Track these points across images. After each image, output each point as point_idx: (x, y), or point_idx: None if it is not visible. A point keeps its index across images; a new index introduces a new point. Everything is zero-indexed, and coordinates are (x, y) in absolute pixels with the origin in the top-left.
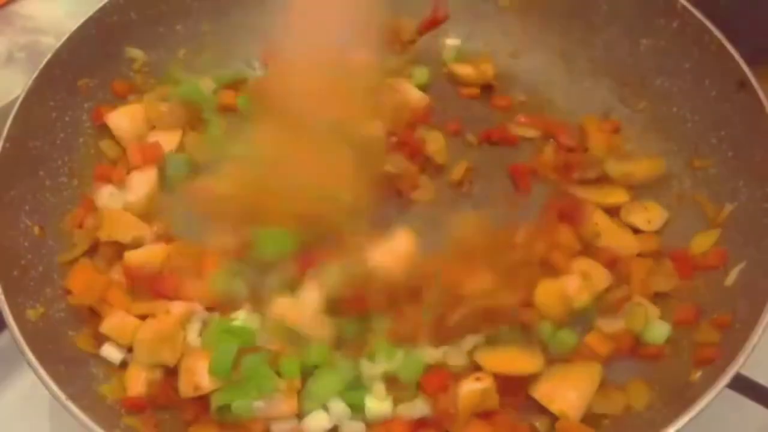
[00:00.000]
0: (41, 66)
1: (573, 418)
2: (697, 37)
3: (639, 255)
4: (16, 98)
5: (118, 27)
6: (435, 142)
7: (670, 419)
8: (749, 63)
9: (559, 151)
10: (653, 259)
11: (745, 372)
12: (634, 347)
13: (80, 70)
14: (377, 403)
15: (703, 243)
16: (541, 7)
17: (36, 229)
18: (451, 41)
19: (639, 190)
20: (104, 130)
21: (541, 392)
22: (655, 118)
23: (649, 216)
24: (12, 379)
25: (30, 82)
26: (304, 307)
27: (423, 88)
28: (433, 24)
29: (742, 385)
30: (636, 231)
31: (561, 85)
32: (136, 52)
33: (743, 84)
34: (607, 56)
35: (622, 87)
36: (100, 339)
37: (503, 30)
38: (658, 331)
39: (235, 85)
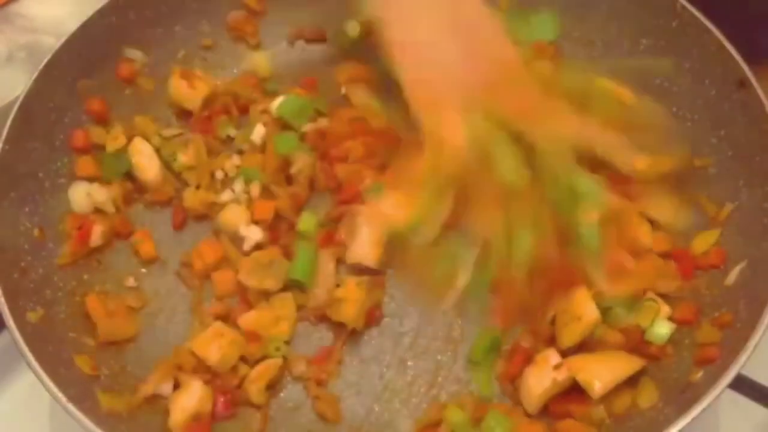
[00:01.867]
0: (41, 67)
1: (597, 391)
2: (696, 36)
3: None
4: (16, 98)
5: (117, 28)
6: None
7: (671, 419)
8: (749, 62)
9: None
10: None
11: (746, 372)
12: (639, 344)
13: (79, 72)
14: None
15: (703, 243)
16: (540, 7)
17: (36, 231)
18: None
19: None
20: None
21: (572, 362)
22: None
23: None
24: (12, 380)
25: (29, 83)
26: None
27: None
28: None
29: (743, 385)
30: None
31: None
32: (135, 53)
33: (743, 83)
34: (607, 56)
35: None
36: (99, 359)
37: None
38: (662, 330)
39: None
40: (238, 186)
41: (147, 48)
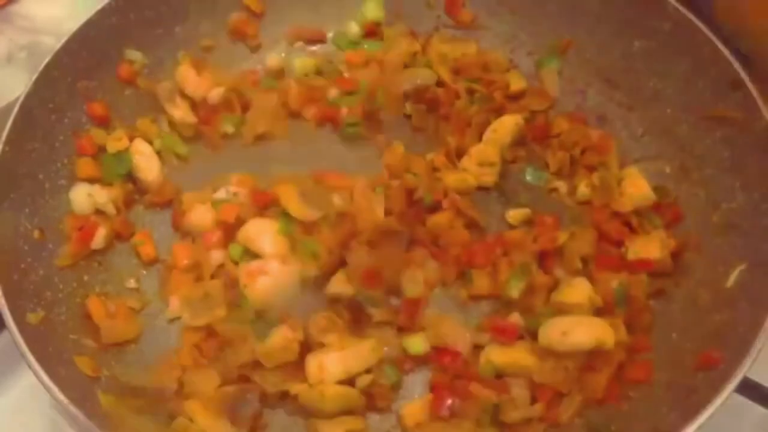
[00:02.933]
0: (40, 68)
1: None
2: (689, 38)
3: None
4: (16, 99)
5: (116, 29)
6: None
7: (676, 426)
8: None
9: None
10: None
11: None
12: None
13: (79, 72)
14: None
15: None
16: (533, 10)
17: (36, 233)
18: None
19: None
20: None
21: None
22: (649, 119)
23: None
24: (12, 380)
25: (29, 84)
26: None
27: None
28: None
29: (743, 386)
30: None
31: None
32: (135, 54)
33: (737, 84)
34: (600, 58)
35: (615, 89)
36: (100, 361)
37: (495, 32)
38: None
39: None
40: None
41: (147, 49)
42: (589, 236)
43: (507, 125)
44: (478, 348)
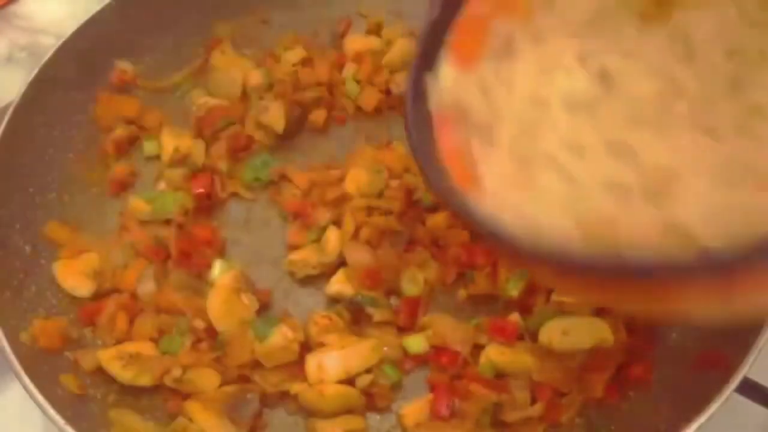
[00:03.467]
0: (29, 80)
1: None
2: None
3: None
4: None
5: (106, 39)
6: None
7: (676, 426)
8: None
9: None
10: None
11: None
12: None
13: (69, 84)
14: None
15: None
16: None
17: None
18: None
19: None
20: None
21: None
22: None
23: None
24: (10, 378)
25: (17, 98)
26: None
27: None
28: None
29: (743, 386)
30: None
31: None
32: (125, 64)
33: None
34: None
35: None
36: (86, 378)
37: None
38: None
39: None
40: None
41: (137, 59)
42: None
43: None
44: (478, 348)
